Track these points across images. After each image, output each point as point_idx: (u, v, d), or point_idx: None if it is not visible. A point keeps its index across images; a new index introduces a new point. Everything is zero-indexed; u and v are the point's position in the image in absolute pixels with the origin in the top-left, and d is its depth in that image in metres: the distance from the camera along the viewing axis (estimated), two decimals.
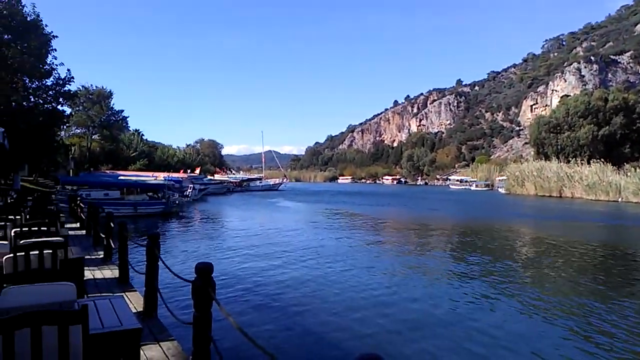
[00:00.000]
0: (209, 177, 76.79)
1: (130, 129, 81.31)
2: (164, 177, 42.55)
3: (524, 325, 9.30)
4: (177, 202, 34.13)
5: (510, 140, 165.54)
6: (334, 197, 65.87)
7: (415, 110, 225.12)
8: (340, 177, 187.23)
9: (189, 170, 69.21)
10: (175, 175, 50.98)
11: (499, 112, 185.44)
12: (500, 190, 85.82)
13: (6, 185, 29.72)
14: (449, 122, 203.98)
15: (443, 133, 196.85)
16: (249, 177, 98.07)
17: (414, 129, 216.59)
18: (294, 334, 8.45)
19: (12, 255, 4.76)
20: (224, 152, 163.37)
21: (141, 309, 6.13)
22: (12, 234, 6.63)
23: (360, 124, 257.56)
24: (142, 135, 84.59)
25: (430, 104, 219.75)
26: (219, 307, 3.58)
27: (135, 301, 6.58)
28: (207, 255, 16.71)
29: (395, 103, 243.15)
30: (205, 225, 28.91)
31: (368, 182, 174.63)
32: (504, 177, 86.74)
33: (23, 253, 4.78)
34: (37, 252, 4.87)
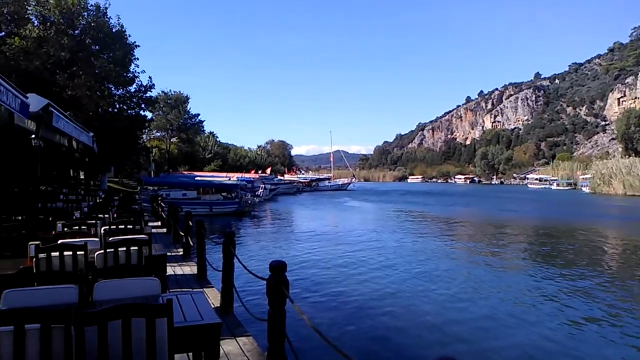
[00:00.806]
0: (279, 177, 78.45)
1: (206, 131, 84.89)
2: (236, 177, 44.05)
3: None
4: (249, 201, 35.17)
5: (595, 136, 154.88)
6: (403, 196, 64.89)
7: (489, 106, 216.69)
8: (410, 177, 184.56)
9: (260, 171, 71.14)
10: (247, 175, 52.63)
11: (582, 106, 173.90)
12: (584, 189, 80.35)
13: (95, 186, 32.05)
14: (526, 117, 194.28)
15: (520, 129, 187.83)
16: (318, 177, 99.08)
17: (488, 125, 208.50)
18: (364, 336, 8.39)
19: (102, 251, 5.12)
20: (293, 152, 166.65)
21: (218, 305, 6.35)
22: (102, 231, 7.10)
23: (431, 121, 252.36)
24: (216, 137, 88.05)
25: (505, 99, 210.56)
26: (292, 305, 3.62)
27: (212, 297, 6.83)
28: (278, 253, 17.06)
29: (468, 99, 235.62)
30: (276, 224, 29.54)
31: (439, 181, 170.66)
32: (589, 176, 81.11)
33: (112, 249, 5.13)
34: (124, 248, 5.20)
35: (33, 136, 10.98)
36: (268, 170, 75.63)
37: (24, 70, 21.79)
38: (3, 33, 23.31)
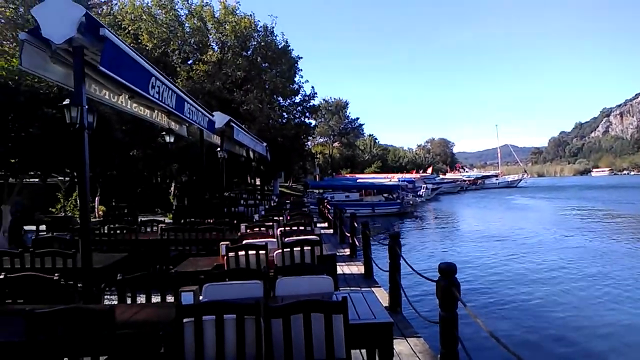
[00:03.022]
0: (441, 176, 76.54)
1: (365, 134, 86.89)
2: (397, 178, 44.19)
3: None
4: (411, 202, 34.95)
5: None
6: (584, 192, 57.83)
7: None
8: (594, 170, 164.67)
9: (421, 171, 70.27)
10: (408, 176, 52.39)
11: None
12: None
13: (268, 190, 35.10)
14: None
15: None
16: (484, 174, 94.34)
17: None
18: (544, 347, 7.67)
19: (280, 250, 5.61)
20: (455, 149, 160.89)
21: (386, 304, 6.43)
22: (278, 232, 7.76)
23: (618, 105, 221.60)
24: (376, 139, 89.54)
25: None
26: (465, 309, 3.50)
27: (380, 296, 6.91)
28: (442, 254, 16.63)
29: None
30: (440, 224, 28.77)
31: (632, 173, 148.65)
32: None
33: (288, 249, 5.58)
34: (298, 248, 5.62)
35: (219, 149, 12.53)
36: (429, 170, 74.31)
37: (208, 91, 24.94)
38: (191, 61, 27.06)
